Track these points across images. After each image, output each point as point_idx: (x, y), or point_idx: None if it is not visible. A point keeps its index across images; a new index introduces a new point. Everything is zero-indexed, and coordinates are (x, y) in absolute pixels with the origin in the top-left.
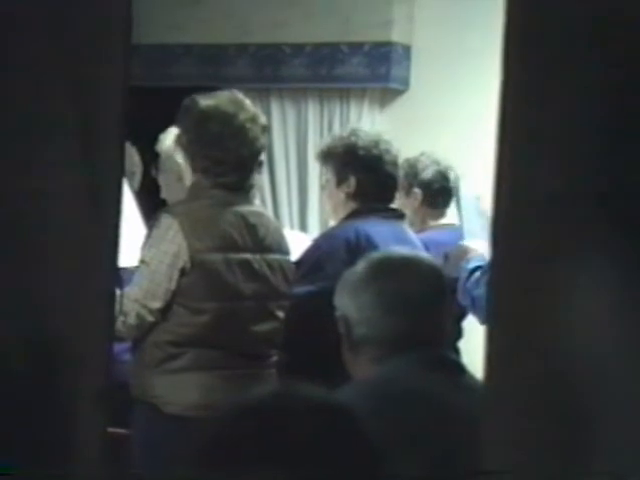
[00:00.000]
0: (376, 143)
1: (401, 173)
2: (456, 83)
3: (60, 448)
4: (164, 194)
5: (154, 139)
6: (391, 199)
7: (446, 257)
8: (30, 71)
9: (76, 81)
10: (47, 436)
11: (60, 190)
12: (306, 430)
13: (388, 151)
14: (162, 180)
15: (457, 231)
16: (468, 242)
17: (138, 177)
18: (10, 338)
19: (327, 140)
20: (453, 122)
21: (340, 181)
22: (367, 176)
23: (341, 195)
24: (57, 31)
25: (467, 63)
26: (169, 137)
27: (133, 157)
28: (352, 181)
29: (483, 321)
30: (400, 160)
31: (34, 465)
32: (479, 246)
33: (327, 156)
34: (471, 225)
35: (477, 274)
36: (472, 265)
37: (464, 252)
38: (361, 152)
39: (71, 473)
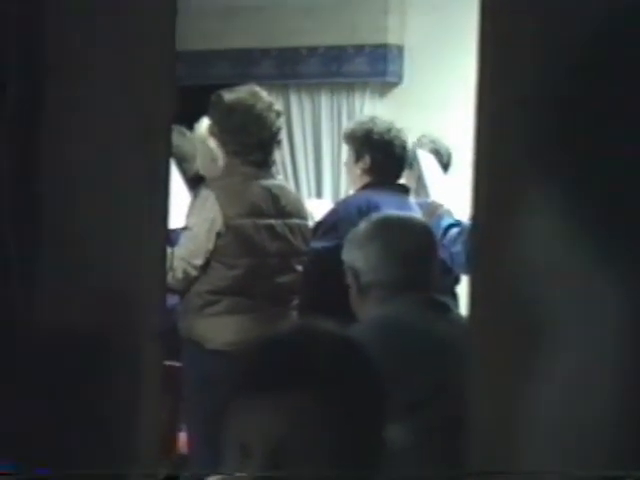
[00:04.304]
0: (389, 130)
1: None
2: (441, 76)
3: (127, 379)
4: (200, 170)
5: None
6: (399, 176)
7: None
8: (102, 80)
9: (134, 83)
10: (115, 369)
11: (125, 168)
12: (324, 358)
13: (398, 137)
14: (198, 160)
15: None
16: (435, 198)
17: (198, 160)
18: (81, 291)
19: (350, 124)
20: (440, 108)
21: (358, 158)
22: (380, 156)
23: (358, 170)
24: (120, 43)
25: (450, 59)
26: (202, 126)
27: (193, 142)
28: (367, 159)
29: (462, 272)
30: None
31: (105, 393)
32: (445, 202)
33: (349, 137)
34: (435, 185)
35: (453, 231)
36: (445, 223)
37: (434, 208)
38: (376, 136)
39: (136, 399)
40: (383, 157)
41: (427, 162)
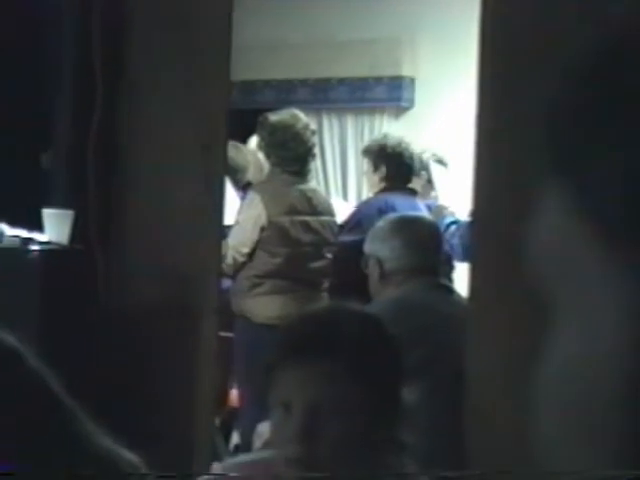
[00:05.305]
0: (399, 144)
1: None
2: (445, 102)
3: (189, 345)
4: (250, 178)
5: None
6: (409, 181)
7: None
8: (172, 106)
9: (197, 107)
10: (181, 338)
11: (189, 175)
12: (351, 332)
13: (407, 149)
14: (249, 169)
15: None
16: (442, 202)
17: (250, 170)
18: (154, 276)
19: (368, 141)
20: (444, 127)
21: (375, 168)
22: (393, 166)
23: (375, 178)
24: (186, 75)
25: (453, 89)
26: (252, 142)
27: (246, 155)
28: (383, 169)
29: (459, 260)
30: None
31: (171, 356)
32: (450, 205)
33: (367, 151)
34: (443, 190)
35: (452, 228)
36: (447, 221)
37: (441, 210)
38: (389, 150)
39: (196, 362)
40: (396, 166)
41: (437, 172)
